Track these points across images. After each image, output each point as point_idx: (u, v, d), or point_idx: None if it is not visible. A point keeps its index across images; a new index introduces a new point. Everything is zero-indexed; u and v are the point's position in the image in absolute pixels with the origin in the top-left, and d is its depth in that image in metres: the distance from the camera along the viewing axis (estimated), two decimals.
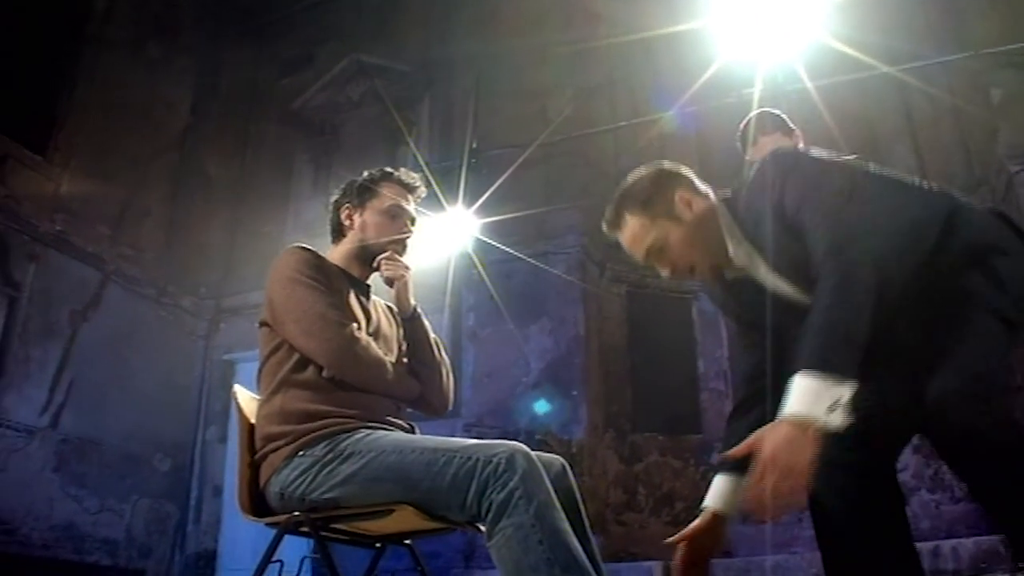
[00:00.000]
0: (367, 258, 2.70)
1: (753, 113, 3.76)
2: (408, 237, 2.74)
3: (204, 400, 10.61)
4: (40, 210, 9.24)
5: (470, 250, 9.51)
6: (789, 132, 3.66)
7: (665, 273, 2.19)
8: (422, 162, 10.26)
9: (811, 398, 1.71)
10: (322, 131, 11.78)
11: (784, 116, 3.73)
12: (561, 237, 9.34)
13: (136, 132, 10.61)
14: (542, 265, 9.25)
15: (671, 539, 2.24)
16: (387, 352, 2.62)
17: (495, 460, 2.04)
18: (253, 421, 2.56)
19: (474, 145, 9.73)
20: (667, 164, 2.32)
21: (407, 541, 2.76)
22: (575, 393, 8.69)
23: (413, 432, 2.54)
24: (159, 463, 10.03)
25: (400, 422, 2.53)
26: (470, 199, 9.54)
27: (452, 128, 10.86)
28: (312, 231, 10.82)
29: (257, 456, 2.45)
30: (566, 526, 2.00)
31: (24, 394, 8.71)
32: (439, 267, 9.68)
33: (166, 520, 9.94)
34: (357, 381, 2.45)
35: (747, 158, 3.72)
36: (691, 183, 2.25)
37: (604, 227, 2.30)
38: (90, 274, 9.58)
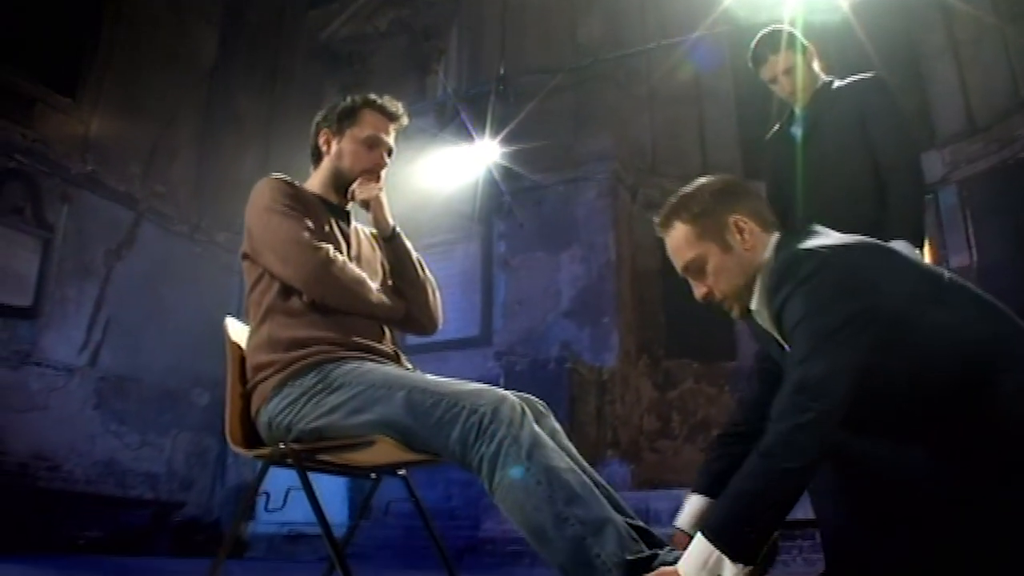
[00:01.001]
0: (341, 186, 2.67)
1: (763, 31, 3.61)
2: (383, 168, 2.69)
3: None
4: (71, 152, 9.30)
5: (499, 178, 9.43)
6: (802, 50, 3.52)
7: (697, 294, 2.12)
8: (451, 91, 10.17)
9: (697, 563, 1.71)
10: (350, 62, 11.67)
11: (797, 33, 3.57)
12: (591, 163, 9.21)
13: (164, 70, 10.58)
14: (572, 191, 9.15)
15: None
16: (371, 276, 2.59)
17: (480, 411, 2.03)
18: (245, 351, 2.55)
19: (503, 72, 9.55)
20: (736, 181, 2.22)
21: (401, 472, 2.78)
22: (606, 320, 8.64)
23: (398, 359, 2.54)
24: (197, 397, 10.17)
25: (386, 348, 2.52)
26: (499, 126, 9.44)
27: (481, 56, 10.69)
28: None
29: (248, 386, 2.46)
30: (560, 462, 1.99)
31: (62, 334, 8.85)
32: (468, 196, 9.65)
33: (206, 453, 10.11)
34: (337, 302, 2.44)
35: (762, 77, 3.61)
36: (754, 208, 2.11)
37: (655, 223, 2.23)
38: (123, 213, 9.65)
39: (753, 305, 2.06)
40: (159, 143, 10.31)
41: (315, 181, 2.71)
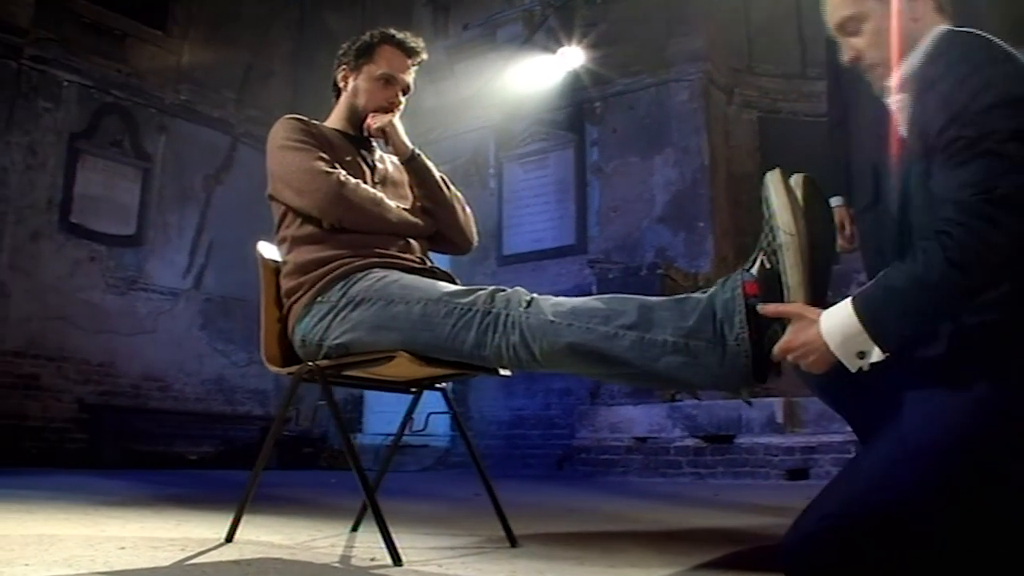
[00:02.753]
0: (358, 121, 2.68)
1: None
2: (397, 107, 2.70)
3: None
4: (164, 83, 9.53)
5: (589, 83, 9.23)
6: None
7: (846, 57, 1.86)
8: None
9: (843, 334, 1.58)
10: None
11: None
12: (682, 64, 8.90)
13: None
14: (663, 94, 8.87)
15: None
16: (398, 199, 2.63)
17: (493, 311, 2.02)
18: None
19: None
20: None
21: (440, 385, 2.80)
22: (702, 225, 8.44)
23: (424, 266, 2.52)
24: None
25: (412, 258, 2.52)
26: (588, 30, 9.23)
27: None
28: (434, 75, 10.75)
29: (284, 311, 2.51)
30: (565, 299, 1.99)
31: (166, 259, 9.18)
32: (560, 103, 9.49)
33: None
34: (355, 223, 2.46)
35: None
36: None
37: None
38: (219, 139, 9.84)
39: (896, 78, 1.78)
40: (252, 67, 10.42)
41: (335, 116, 2.73)
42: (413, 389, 2.88)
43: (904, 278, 1.53)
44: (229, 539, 2.59)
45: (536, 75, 9.47)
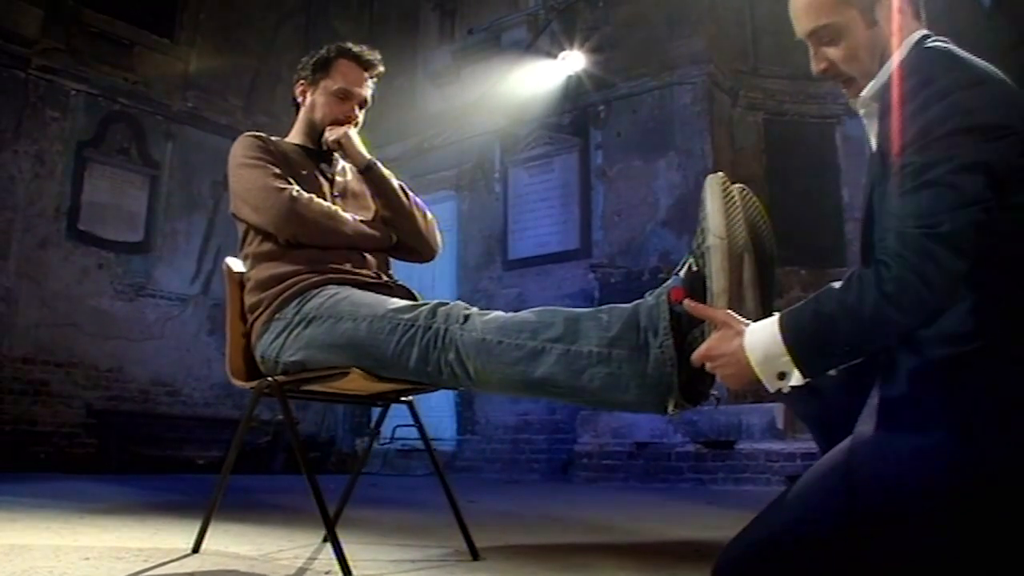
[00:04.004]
0: (316, 136, 2.73)
1: None
2: (353, 121, 2.75)
3: None
4: (171, 90, 9.63)
5: (593, 87, 9.24)
6: None
7: (816, 68, 1.77)
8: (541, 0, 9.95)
9: (764, 354, 1.51)
10: None
11: None
12: (685, 66, 8.87)
13: (260, 0, 10.71)
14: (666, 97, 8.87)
15: None
16: (360, 210, 2.68)
17: (433, 327, 2.02)
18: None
19: None
20: None
21: (406, 398, 2.80)
22: None
23: (379, 280, 2.54)
24: None
25: (367, 273, 2.54)
26: (590, 33, 9.24)
27: None
28: (440, 80, 10.82)
29: (246, 326, 2.55)
30: (503, 313, 1.98)
31: (174, 265, 9.26)
32: (564, 107, 9.50)
33: None
34: (310, 238, 2.49)
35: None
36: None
37: None
38: (226, 145, 9.69)
39: (865, 92, 1.72)
40: (259, 73, 10.49)
41: (294, 131, 2.79)
42: (380, 402, 2.92)
43: (835, 304, 1.46)
44: (196, 550, 2.62)
45: (540, 79, 9.49)
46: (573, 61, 9.25)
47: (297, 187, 2.51)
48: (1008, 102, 1.49)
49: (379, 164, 2.72)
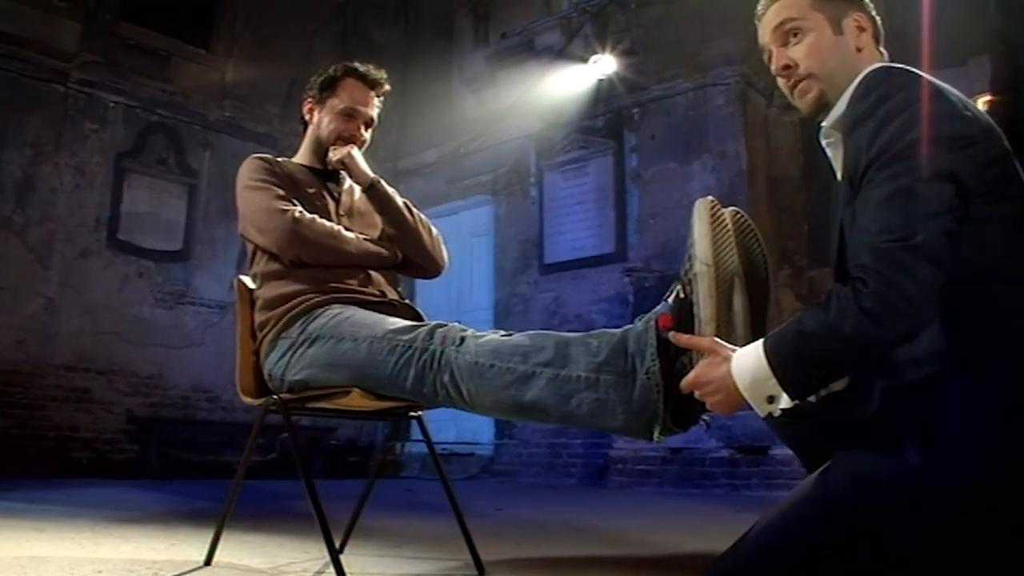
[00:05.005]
0: (322, 155, 2.76)
1: None
2: (359, 140, 2.77)
3: None
4: (209, 100, 9.79)
5: (626, 89, 9.22)
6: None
7: (776, 65, 1.76)
8: (573, 2, 9.93)
9: (751, 378, 1.50)
10: None
11: None
12: (719, 67, 8.80)
13: (296, 9, 10.83)
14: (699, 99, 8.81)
15: None
16: (366, 228, 2.71)
17: (430, 348, 2.04)
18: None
19: None
20: None
21: (414, 414, 2.80)
22: None
23: (383, 299, 2.56)
24: None
25: (371, 292, 2.57)
26: (622, 36, 9.21)
27: None
28: (475, 85, 10.84)
29: (255, 345, 2.59)
30: (496, 336, 1.99)
31: (213, 273, 9.37)
32: (598, 110, 9.49)
33: None
34: (313, 258, 2.52)
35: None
36: (875, 24, 1.77)
37: None
38: (264, 153, 10.01)
39: (827, 121, 1.72)
40: (296, 82, 10.54)
41: (302, 150, 2.82)
42: (389, 418, 2.93)
43: (816, 324, 1.44)
44: (207, 562, 2.65)
45: (574, 82, 9.49)
46: (606, 64, 9.24)
47: (300, 209, 2.54)
48: (967, 115, 1.49)
49: (383, 182, 2.74)
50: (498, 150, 10.45)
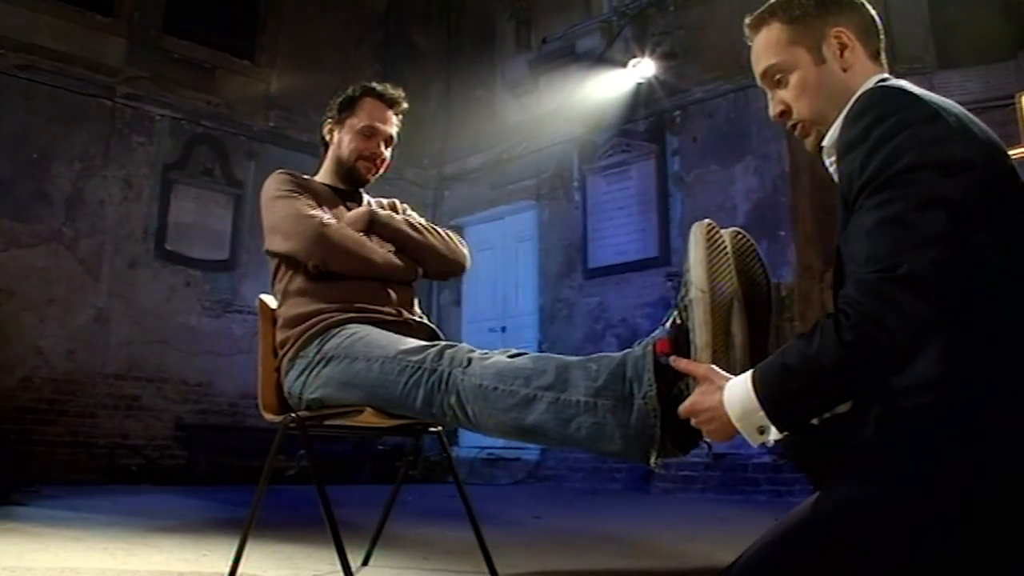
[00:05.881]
0: (345, 173, 2.82)
1: None
2: (379, 158, 2.83)
3: None
4: (253, 110, 9.92)
5: (666, 92, 9.17)
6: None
7: (773, 111, 1.75)
8: (614, 5, 9.90)
9: (742, 409, 1.47)
10: None
11: None
12: None
13: (339, 18, 10.96)
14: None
15: None
16: (386, 246, 2.74)
17: (438, 370, 2.07)
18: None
19: None
20: None
21: (435, 429, 2.83)
22: (782, 233, 8.23)
23: (399, 318, 2.60)
24: None
25: (389, 310, 2.60)
26: (662, 38, 9.17)
27: None
28: (518, 90, 10.84)
29: (277, 362, 2.65)
30: (502, 357, 2.00)
31: (259, 281, 9.47)
32: (639, 113, 9.45)
33: None
34: (339, 264, 2.57)
35: None
36: (863, 25, 1.70)
37: (745, 23, 1.82)
38: (309, 162, 9.94)
39: (826, 140, 1.66)
40: (339, 90, 10.62)
41: (323, 170, 2.89)
42: (409, 434, 3.00)
43: (798, 357, 1.40)
44: (232, 574, 2.69)
45: (615, 86, 9.45)
46: (646, 67, 9.20)
47: (329, 215, 2.60)
48: (966, 136, 1.43)
49: (378, 214, 2.76)
50: (541, 155, 10.45)
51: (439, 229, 2.86)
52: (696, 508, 6.03)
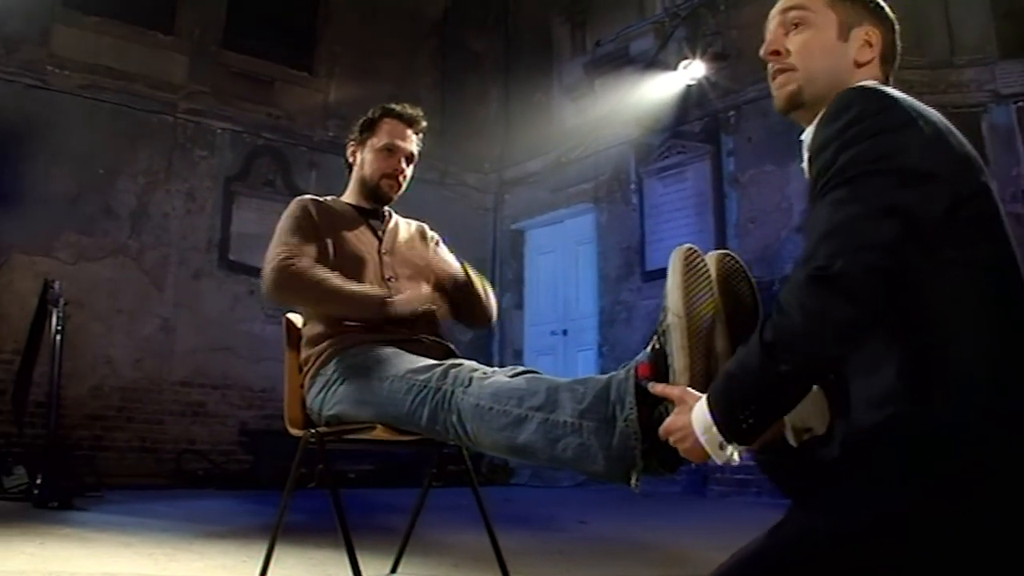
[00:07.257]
0: (369, 192, 2.92)
1: None
2: (401, 174, 2.91)
3: (498, 270, 11.19)
4: (313, 121, 10.12)
5: (719, 93, 9.11)
6: None
7: (765, 48, 1.71)
8: (665, 6, 9.86)
9: (703, 425, 1.46)
10: None
11: None
12: None
13: (395, 26, 11.08)
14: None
15: None
16: (403, 267, 2.84)
17: (442, 389, 2.14)
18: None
19: None
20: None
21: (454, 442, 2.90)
22: None
23: (413, 337, 2.65)
24: (461, 333, 10.69)
25: (404, 331, 2.65)
26: (714, 39, 9.10)
27: None
28: (575, 94, 10.87)
29: (300, 379, 2.79)
30: (501, 377, 2.05)
31: None
32: (694, 114, 9.40)
33: None
34: (293, 302, 2.82)
35: None
36: (890, 46, 1.68)
37: None
38: None
39: (805, 135, 1.65)
40: (397, 97, 10.65)
41: (349, 190, 3.00)
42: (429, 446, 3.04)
43: (735, 361, 1.41)
44: None
45: (669, 87, 9.41)
46: (700, 67, 9.13)
47: (301, 259, 2.65)
48: (937, 148, 1.40)
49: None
50: (598, 158, 10.46)
51: (487, 284, 2.95)
52: (746, 513, 5.98)
